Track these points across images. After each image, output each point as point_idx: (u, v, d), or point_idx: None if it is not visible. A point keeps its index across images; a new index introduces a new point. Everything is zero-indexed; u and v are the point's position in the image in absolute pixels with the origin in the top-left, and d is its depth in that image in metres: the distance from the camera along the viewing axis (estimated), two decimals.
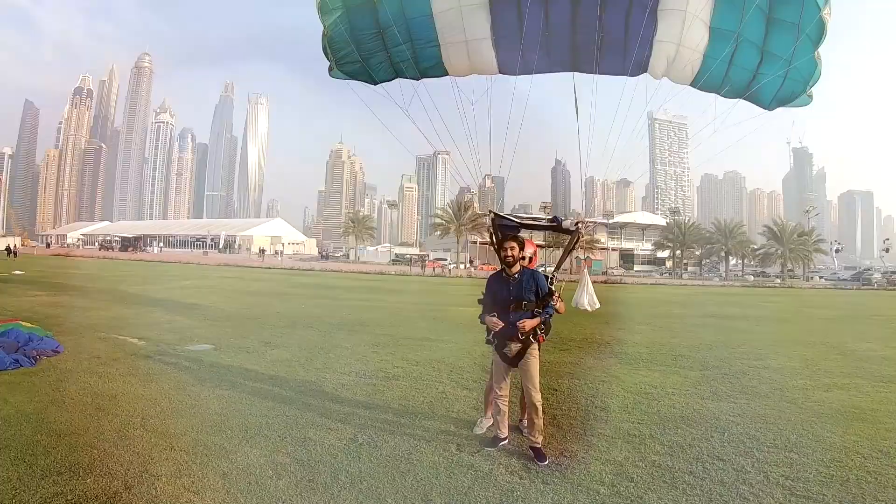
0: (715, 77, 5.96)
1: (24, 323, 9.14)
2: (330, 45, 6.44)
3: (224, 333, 10.02)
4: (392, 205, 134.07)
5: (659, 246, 78.50)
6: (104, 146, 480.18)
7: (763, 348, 10.52)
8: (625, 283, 41.94)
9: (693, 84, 6.11)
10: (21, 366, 6.96)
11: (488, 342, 4.71)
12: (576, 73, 6.15)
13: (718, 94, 6.19)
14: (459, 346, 9.50)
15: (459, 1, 5.86)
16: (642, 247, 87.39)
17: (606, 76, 6.18)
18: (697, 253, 77.08)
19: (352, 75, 6.69)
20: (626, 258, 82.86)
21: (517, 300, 4.54)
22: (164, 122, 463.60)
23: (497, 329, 4.51)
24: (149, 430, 4.79)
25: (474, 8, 5.90)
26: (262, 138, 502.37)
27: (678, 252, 75.88)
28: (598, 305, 5.31)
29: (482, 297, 4.79)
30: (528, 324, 4.46)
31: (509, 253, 4.61)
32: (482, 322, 4.70)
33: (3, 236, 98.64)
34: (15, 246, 61.13)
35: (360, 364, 7.72)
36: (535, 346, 4.60)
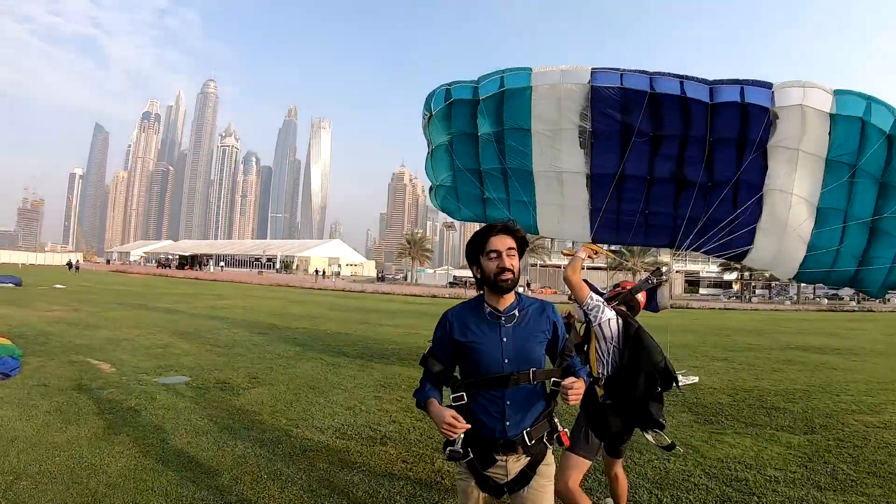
0: (821, 264, 6.16)
1: None
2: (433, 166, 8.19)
3: (213, 363, 9.43)
4: (448, 227, 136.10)
5: (725, 268, 75.33)
6: (171, 168, 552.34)
7: (872, 394, 8.93)
8: (691, 308, 39.73)
9: (796, 278, 6.48)
10: None
11: (451, 455, 2.43)
12: None
13: (823, 284, 6.70)
14: None
15: (560, 166, 6.78)
16: (707, 269, 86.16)
17: None
18: (766, 274, 73.74)
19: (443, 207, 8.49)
20: (691, 281, 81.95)
21: (523, 361, 2.45)
22: (229, 146, 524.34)
23: (458, 433, 2.32)
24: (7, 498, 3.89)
25: (575, 176, 6.73)
26: (324, 161, 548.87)
27: (746, 274, 73.21)
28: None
29: (431, 346, 2.62)
30: (576, 391, 2.35)
31: (506, 263, 2.44)
32: (421, 407, 2.49)
33: (71, 252, 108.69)
34: (77, 261, 68.63)
35: (347, 416, 6.47)
36: (550, 455, 2.57)
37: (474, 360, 2.46)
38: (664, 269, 4.41)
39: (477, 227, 2.64)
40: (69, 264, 65.17)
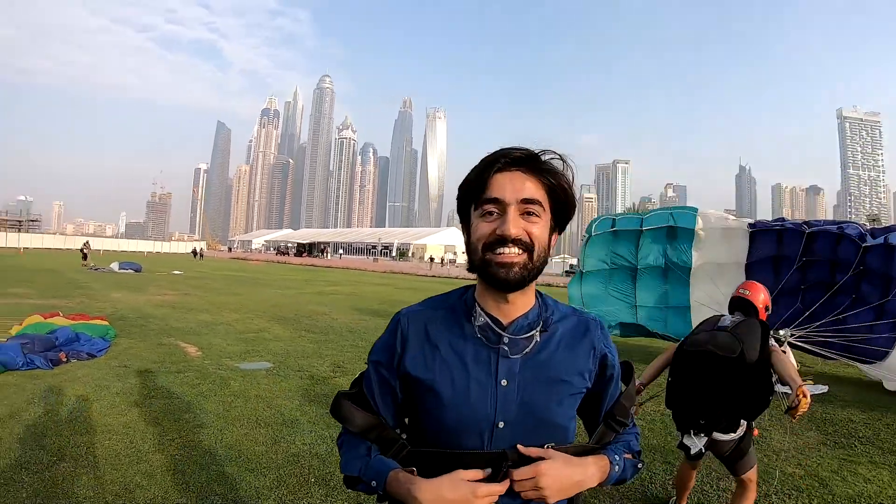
0: None
1: (77, 320, 9.54)
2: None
3: (302, 350, 9.48)
4: None
5: None
6: (291, 161, 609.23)
7: None
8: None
9: None
10: (36, 367, 7.09)
11: None
12: None
13: None
14: None
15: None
16: None
17: None
18: None
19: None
20: None
21: (533, 429, 1.27)
22: (346, 138, 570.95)
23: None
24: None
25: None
26: (440, 150, 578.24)
27: None
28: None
29: (361, 376, 1.44)
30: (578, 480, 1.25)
31: (511, 229, 1.21)
32: (370, 489, 1.27)
33: (196, 241, 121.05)
34: (201, 249, 75.74)
35: None
36: None
37: (437, 417, 1.28)
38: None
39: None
40: (194, 252, 72.70)
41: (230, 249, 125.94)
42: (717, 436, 3.30)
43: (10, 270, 25.94)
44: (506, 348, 1.29)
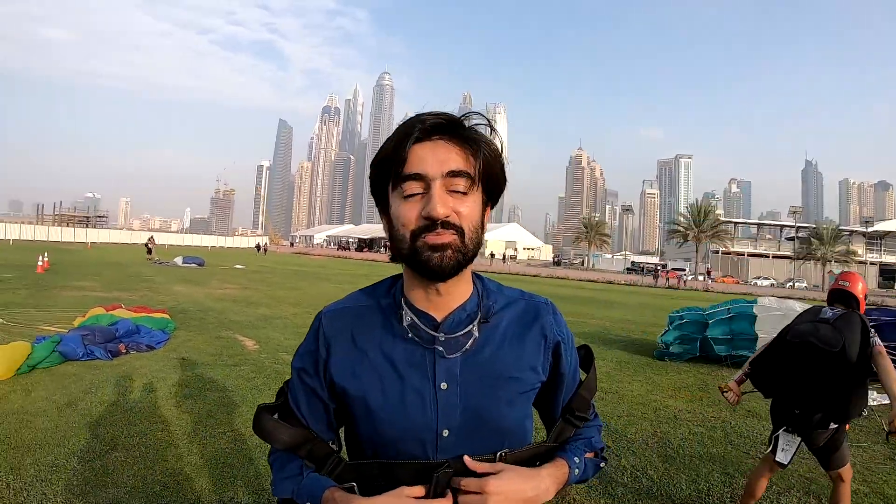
0: None
1: (139, 313, 9.86)
2: None
3: None
4: (627, 210, 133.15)
5: None
6: (352, 157, 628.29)
7: None
8: (887, 306, 33.24)
9: None
10: (96, 357, 7.36)
11: None
12: None
13: None
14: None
15: None
16: None
17: None
18: None
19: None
20: (887, 273, 77.05)
21: (482, 436, 1.14)
22: None
23: None
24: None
25: None
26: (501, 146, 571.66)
27: None
28: None
29: (285, 386, 1.28)
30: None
31: (439, 208, 1.03)
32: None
33: (259, 236, 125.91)
34: (265, 244, 78.68)
35: None
36: None
37: (371, 429, 1.16)
38: None
39: None
40: (257, 247, 76.38)
41: (292, 244, 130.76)
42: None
43: (77, 265, 27.26)
44: (441, 348, 1.14)
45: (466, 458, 1.09)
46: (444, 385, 1.12)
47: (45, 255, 23.20)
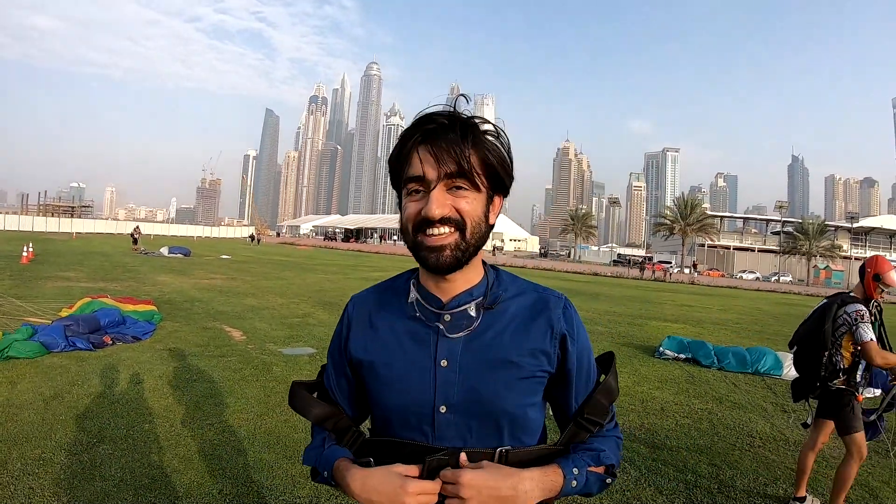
0: None
1: (125, 306, 9.80)
2: None
3: None
4: (614, 202, 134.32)
5: None
6: (339, 147, 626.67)
7: None
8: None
9: None
10: (78, 349, 7.30)
11: None
12: None
13: None
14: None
15: None
16: (890, 256, 79.19)
17: None
18: None
19: None
20: None
21: (481, 421, 1.18)
22: (394, 125, 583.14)
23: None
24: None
25: None
26: None
27: None
28: None
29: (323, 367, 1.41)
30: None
31: (435, 209, 1.09)
32: (323, 479, 1.24)
33: (246, 226, 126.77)
34: (258, 235, 79.66)
35: None
36: None
37: (378, 400, 1.25)
38: None
39: None
40: (251, 237, 77.42)
41: (278, 235, 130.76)
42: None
43: (62, 254, 26.98)
44: (442, 327, 1.20)
45: (462, 454, 1.12)
46: (444, 363, 1.18)
47: (30, 245, 22.92)
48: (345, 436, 1.29)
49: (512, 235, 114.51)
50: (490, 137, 1.16)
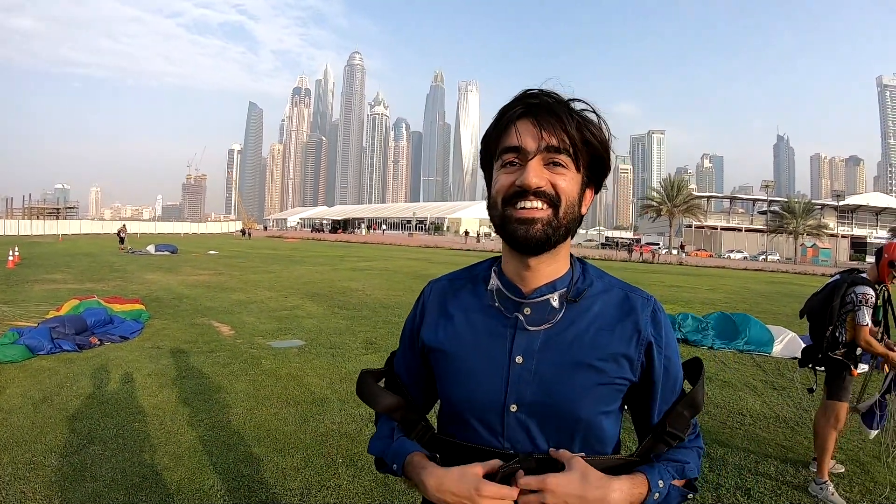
0: None
1: (113, 306, 9.76)
2: None
3: (334, 327, 9.57)
4: None
5: None
6: (324, 139, 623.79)
7: None
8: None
9: None
10: (65, 351, 7.22)
11: None
12: None
13: None
14: None
15: None
16: (876, 234, 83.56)
17: None
18: None
19: None
20: (858, 247, 77.16)
21: (555, 423, 1.11)
22: (378, 114, 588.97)
23: None
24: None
25: None
26: (473, 124, 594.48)
27: None
28: None
29: (393, 360, 1.38)
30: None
31: (532, 179, 1.04)
32: (390, 470, 1.22)
33: (232, 221, 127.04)
34: (249, 230, 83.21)
35: None
36: None
37: (447, 392, 1.20)
38: None
39: None
40: (243, 232, 79.16)
41: (266, 228, 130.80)
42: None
43: (49, 256, 26.71)
44: (522, 318, 1.13)
45: (552, 450, 1.08)
46: (519, 359, 1.11)
47: (16, 249, 22.63)
48: (413, 428, 1.24)
49: None
50: (593, 124, 1.10)
